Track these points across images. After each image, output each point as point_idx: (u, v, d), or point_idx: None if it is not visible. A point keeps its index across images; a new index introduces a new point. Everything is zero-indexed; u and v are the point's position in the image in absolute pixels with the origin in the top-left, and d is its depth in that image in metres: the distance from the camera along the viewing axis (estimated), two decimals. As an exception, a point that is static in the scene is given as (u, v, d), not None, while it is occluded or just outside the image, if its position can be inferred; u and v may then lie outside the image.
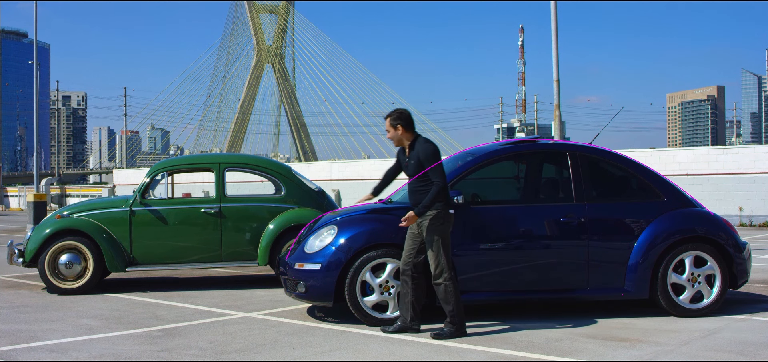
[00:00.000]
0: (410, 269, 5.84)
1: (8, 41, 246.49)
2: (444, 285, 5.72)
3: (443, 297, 5.75)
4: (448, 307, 5.74)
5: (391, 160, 7.31)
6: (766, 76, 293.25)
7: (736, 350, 5.29)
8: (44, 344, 5.70)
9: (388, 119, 6.00)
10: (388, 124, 6.00)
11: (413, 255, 5.84)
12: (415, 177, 5.81)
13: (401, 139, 5.97)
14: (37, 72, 31.80)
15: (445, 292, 5.72)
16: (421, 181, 5.78)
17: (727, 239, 6.59)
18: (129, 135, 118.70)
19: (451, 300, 5.72)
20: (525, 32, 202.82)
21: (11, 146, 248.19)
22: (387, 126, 6.01)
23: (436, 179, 5.69)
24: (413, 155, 5.86)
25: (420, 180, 5.79)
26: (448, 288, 5.72)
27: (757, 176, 19.63)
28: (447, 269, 5.73)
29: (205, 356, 5.24)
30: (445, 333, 5.70)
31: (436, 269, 5.73)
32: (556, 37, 17.73)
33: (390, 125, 5.98)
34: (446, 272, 5.72)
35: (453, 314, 5.73)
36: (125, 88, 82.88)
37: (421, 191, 5.78)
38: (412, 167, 5.84)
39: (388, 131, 6.02)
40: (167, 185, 8.83)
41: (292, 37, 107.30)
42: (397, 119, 5.96)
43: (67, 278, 8.36)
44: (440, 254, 5.71)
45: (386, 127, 6.02)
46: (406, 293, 5.86)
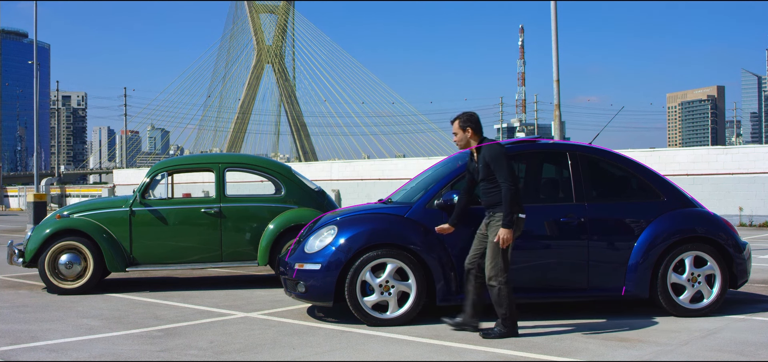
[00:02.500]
0: (475, 269, 5.85)
1: (8, 41, 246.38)
2: (498, 288, 5.67)
3: (496, 300, 5.70)
4: (500, 310, 5.70)
5: (391, 160, 7.33)
6: (766, 76, 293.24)
7: (736, 350, 5.29)
8: (44, 344, 5.70)
9: (456, 122, 5.96)
10: (456, 126, 5.95)
11: (479, 255, 5.84)
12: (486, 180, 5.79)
13: (469, 142, 5.93)
14: (37, 72, 31.79)
15: (499, 295, 5.68)
16: (490, 182, 5.76)
17: (727, 239, 6.59)
18: (129, 135, 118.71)
19: (504, 304, 5.68)
20: (525, 32, 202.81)
21: (11, 146, 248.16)
22: (455, 128, 5.96)
23: (504, 180, 5.65)
24: (480, 158, 5.84)
25: (490, 182, 5.76)
26: (501, 292, 5.67)
27: (757, 176, 19.63)
28: (503, 272, 5.67)
29: (205, 356, 5.24)
30: (494, 333, 5.68)
31: (491, 271, 5.69)
32: (556, 37, 17.73)
33: (459, 127, 5.94)
34: (502, 275, 5.67)
35: (505, 317, 5.69)
36: (125, 88, 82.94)
37: (491, 192, 5.76)
38: (482, 171, 5.81)
39: (455, 134, 5.96)
40: (167, 185, 8.83)
41: (292, 37, 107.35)
42: (467, 121, 5.93)
43: (67, 278, 8.36)
44: (498, 257, 5.67)
45: (454, 129, 5.97)
46: (470, 292, 5.87)
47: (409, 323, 6.13)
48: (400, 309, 6.17)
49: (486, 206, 5.84)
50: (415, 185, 7.01)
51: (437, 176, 6.71)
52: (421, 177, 7.16)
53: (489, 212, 5.81)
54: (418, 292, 6.16)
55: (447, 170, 6.67)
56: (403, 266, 6.14)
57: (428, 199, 6.37)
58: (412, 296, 6.16)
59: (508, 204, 5.60)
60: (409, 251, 6.17)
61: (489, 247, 5.73)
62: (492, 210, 5.76)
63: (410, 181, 7.38)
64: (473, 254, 5.89)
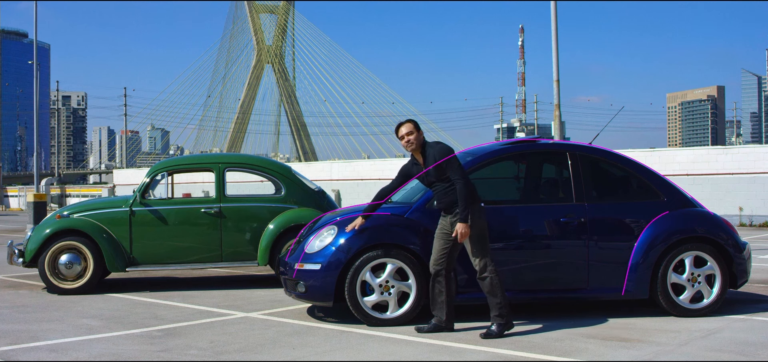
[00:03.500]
0: (442, 269, 5.84)
1: (8, 41, 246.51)
2: (489, 278, 5.71)
3: (490, 291, 5.72)
4: (495, 300, 5.72)
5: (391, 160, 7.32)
6: (766, 76, 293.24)
7: (736, 350, 5.29)
8: (44, 344, 5.70)
9: (410, 124, 5.95)
10: (412, 127, 5.92)
11: (445, 255, 5.83)
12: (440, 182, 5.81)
13: (421, 143, 5.93)
14: (37, 72, 31.79)
15: (491, 285, 5.71)
16: (444, 182, 5.78)
17: (727, 239, 6.59)
18: (129, 135, 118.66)
19: (497, 293, 5.71)
20: (525, 32, 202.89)
21: (11, 146, 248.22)
22: (410, 129, 5.91)
23: (459, 178, 5.68)
24: (430, 159, 5.83)
25: (445, 182, 5.78)
26: (493, 281, 5.70)
27: (757, 176, 19.63)
28: (491, 262, 5.71)
29: (205, 356, 5.24)
30: (493, 332, 5.68)
31: (479, 264, 5.72)
32: (556, 37, 17.73)
33: (415, 127, 5.93)
34: (490, 265, 5.71)
35: (501, 306, 5.71)
36: (125, 88, 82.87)
37: (449, 191, 5.77)
38: (434, 173, 5.81)
39: (411, 133, 5.90)
40: (167, 185, 8.83)
41: (292, 37, 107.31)
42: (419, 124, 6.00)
43: (67, 278, 8.36)
44: (482, 248, 5.71)
45: (408, 130, 5.91)
46: (440, 292, 5.86)
47: (409, 323, 6.12)
48: (400, 309, 6.17)
49: (445, 207, 5.83)
50: (415, 185, 7.00)
51: (437, 176, 6.70)
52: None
53: (448, 212, 5.80)
54: (418, 292, 6.15)
55: (447, 170, 6.66)
56: (403, 266, 6.14)
57: (428, 199, 6.37)
58: (412, 296, 6.16)
59: (464, 200, 5.62)
60: (409, 251, 6.17)
61: (470, 244, 5.74)
62: (453, 209, 5.76)
63: (410, 181, 7.37)
64: (439, 254, 5.86)
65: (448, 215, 5.83)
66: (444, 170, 5.76)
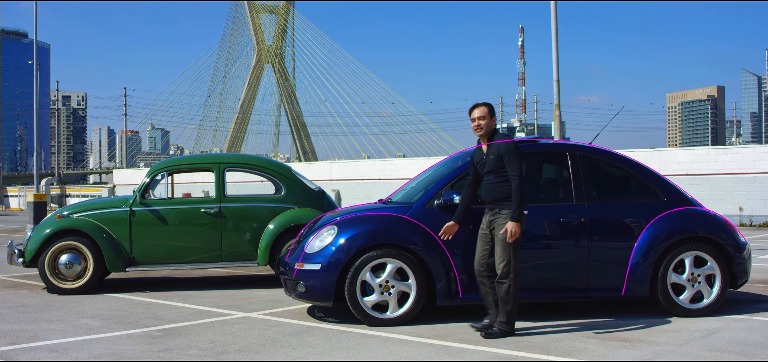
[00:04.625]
0: (485, 270, 5.83)
1: (8, 41, 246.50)
2: (508, 285, 5.67)
3: (504, 297, 5.69)
4: (506, 307, 5.69)
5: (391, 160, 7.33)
6: (766, 76, 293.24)
7: (736, 350, 5.29)
8: (44, 344, 5.70)
9: (484, 108, 5.87)
10: (485, 111, 5.85)
11: (486, 256, 5.81)
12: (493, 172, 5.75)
13: (492, 130, 5.86)
14: (37, 72, 31.79)
15: (507, 293, 5.67)
16: (498, 176, 5.72)
17: (727, 238, 6.59)
18: (129, 135, 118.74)
19: (510, 301, 5.68)
20: (525, 32, 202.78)
21: (11, 146, 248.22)
22: (482, 114, 5.84)
23: (515, 175, 5.63)
24: (492, 149, 5.79)
25: (497, 175, 5.73)
26: (510, 289, 5.67)
27: (757, 176, 19.63)
28: (513, 270, 5.68)
29: (205, 356, 5.24)
30: (495, 333, 5.67)
31: (503, 268, 5.68)
32: (556, 37, 17.73)
33: (488, 113, 5.86)
34: (513, 272, 5.67)
35: (509, 314, 5.70)
36: (125, 88, 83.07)
37: (497, 186, 5.72)
38: (492, 163, 5.76)
39: (483, 118, 5.83)
40: (167, 185, 8.83)
41: (292, 37, 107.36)
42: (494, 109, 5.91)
43: (67, 278, 8.36)
44: (509, 253, 5.66)
45: (480, 114, 5.84)
46: (488, 293, 5.84)
47: (409, 323, 6.13)
48: (400, 309, 6.17)
49: (489, 202, 5.81)
50: (415, 185, 7.01)
51: (437, 176, 6.71)
52: (421, 177, 7.16)
53: (492, 208, 5.78)
54: (418, 292, 6.16)
55: (447, 170, 6.67)
56: (403, 266, 6.14)
57: (428, 199, 6.37)
58: (412, 296, 6.16)
59: (517, 198, 5.59)
60: (409, 251, 6.17)
61: (498, 244, 5.71)
62: (497, 206, 5.73)
63: (410, 181, 7.38)
64: (481, 255, 5.85)
65: (489, 213, 5.79)
66: (502, 162, 5.70)
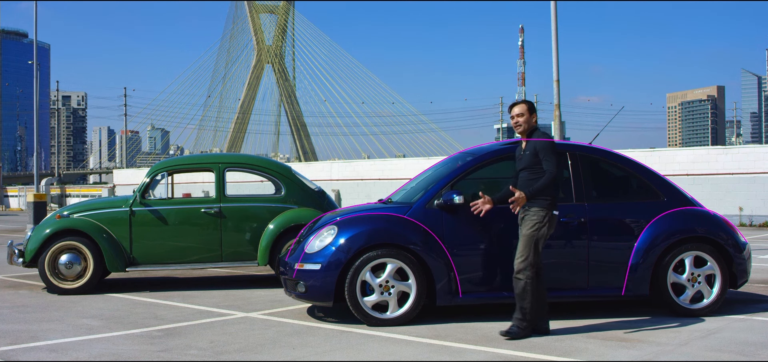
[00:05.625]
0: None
1: (8, 41, 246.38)
2: (524, 282, 5.65)
3: (520, 293, 5.67)
4: (521, 303, 5.67)
5: (391, 160, 7.34)
6: (766, 76, 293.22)
7: (736, 350, 5.29)
8: (44, 344, 5.70)
9: (523, 105, 5.89)
10: (524, 109, 5.87)
11: None
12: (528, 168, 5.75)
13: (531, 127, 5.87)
14: (37, 72, 31.79)
15: (523, 290, 5.65)
16: (533, 173, 5.72)
17: (727, 238, 6.59)
18: (129, 135, 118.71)
19: (526, 298, 5.65)
20: (525, 32, 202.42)
21: (11, 146, 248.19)
22: (521, 111, 5.87)
23: (550, 166, 5.63)
24: (529, 145, 5.80)
25: (532, 172, 5.72)
26: (526, 286, 5.64)
27: (757, 176, 19.62)
28: (531, 267, 5.65)
29: (205, 356, 5.24)
30: (514, 332, 5.63)
31: (520, 264, 5.66)
32: (556, 37, 17.74)
33: (527, 110, 5.87)
34: (529, 270, 5.64)
35: (525, 311, 5.66)
36: (125, 88, 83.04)
37: (530, 183, 5.71)
38: (528, 159, 5.77)
39: (521, 115, 5.86)
40: (167, 185, 8.83)
41: (292, 37, 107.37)
42: (533, 107, 5.91)
43: (67, 278, 8.36)
44: (530, 252, 5.65)
45: (519, 111, 5.87)
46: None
47: (409, 323, 6.13)
48: (400, 309, 6.17)
49: None
50: (415, 185, 7.01)
51: (437, 176, 6.71)
52: (421, 177, 7.16)
53: (523, 205, 5.73)
54: (418, 292, 6.16)
55: (447, 170, 6.67)
56: (403, 266, 6.14)
57: (428, 199, 6.37)
58: (412, 296, 6.16)
59: (544, 183, 5.60)
60: (409, 251, 6.17)
61: (520, 239, 5.70)
62: (527, 203, 5.70)
63: (410, 181, 7.38)
64: None
65: (521, 211, 5.77)
66: (538, 159, 5.71)
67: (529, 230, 5.66)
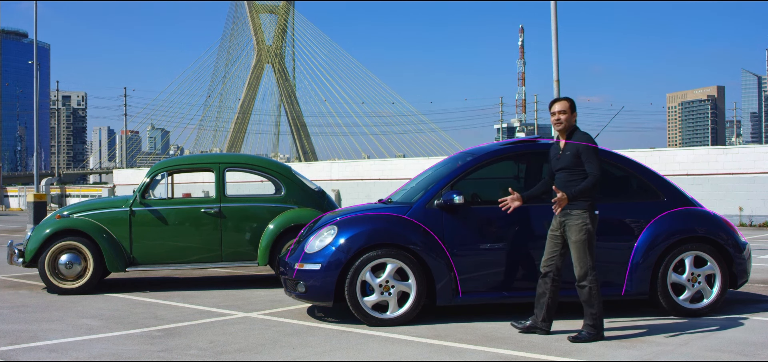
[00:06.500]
0: (551, 270, 5.71)
1: (8, 41, 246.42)
2: (589, 288, 5.52)
3: (587, 300, 5.55)
4: (590, 310, 5.55)
5: (391, 160, 7.35)
6: (766, 76, 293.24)
7: (736, 350, 5.29)
8: (44, 344, 5.70)
9: (565, 102, 5.72)
10: (565, 106, 5.71)
11: (556, 257, 5.70)
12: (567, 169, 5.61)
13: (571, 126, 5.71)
14: (37, 72, 31.78)
15: (590, 295, 5.54)
16: (573, 174, 5.59)
17: (727, 238, 6.59)
18: (129, 135, 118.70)
19: (594, 303, 5.54)
20: (525, 32, 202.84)
21: (11, 146, 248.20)
22: (563, 108, 5.69)
23: (594, 169, 5.50)
24: (570, 145, 5.65)
25: (572, 173, 5.60)
26: (592, 291, 5.53)
27: (757, 176, 19.62)
28: (592, 271, 5.54)
29: (205, 356, 5.24)
30: (583, 337, 5.52)
31: (581, 271, 5.55)
32: (556, 37, 17.73)
33: (569, 107, 5.70)
34: (591, 274, 5.54)
35: (595, 317, 5.55)
36: (125, 88, 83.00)
37: (570, 184, 5.58)
38: (569, 159, 5.62)
39: (563, 113, 5.68)
40: (167, 185, 8.83)
41: (292, 37, 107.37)
42: (574, 105, 5.76)
43: (67, 278, 8.36)
44: (586, 256, 5.52)
45: (561, 109, 5.69)
46: (544, 293, 5.72)
47: (409, 323, 6.13)
48: (400, 309, 6.17)
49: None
50: (415, 185, 7.01)
51: (437, 176, 6.71)
52: (421, 177, 7.16)
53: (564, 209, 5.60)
54: (418, 292, 6.16)
55: (447, 170, 6.67)
56: (403, 266, 6.14)
57: (428, 199, 6.37)
58: (412, 296, 6.16)
59: (587, 185, 5.47)
60: (409, 251, 6.17)
61: (574, 248, 5.56)
62: (568, 206, 5.57)
63: (410, 181, 7.38)
64: (549, 256, 5.73)
65: (560, 214, 5.63)
66: (579, 161, 5.57)
67: (579, 236, 5.52)
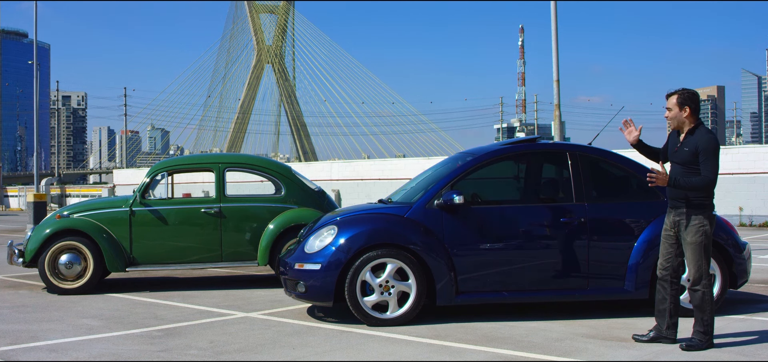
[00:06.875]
0: (669, 274, 5.51)
1: (8, 41, 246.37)
2: (702, 292, 5.33)
3: (699, 305, 5.34)
4: (702, 315, 5.35)
5: (391, 160, 7.35)
6: (766, 76, 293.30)
7: (736, 350, 5.29)
8: (44, 344, 5.71)
9: (674, 97, 5.52)
10: (673, 102, 5.47)
11: (671, 258, 5.50)
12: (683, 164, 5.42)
13: (683, 122, 5.51)
14: (37, 72, 31.80)
15: (702, 299, 5.33)
16: (689, 170, 5.40)
17: (726, 239, 6.59)
18: (129, 135, 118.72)
19: (706, 309, 5.33)
20: (525, 32, 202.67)
21: (11, 146, 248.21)
22: (671, 104, 5.48)
23: (708, 172, 5.30)
24: (690, 141, 5.42)
25: (688, 169, 5.41)
26: (705, 296, 5.37)
27: (757, 176, 19.63)
28: (706, 275, 5.38)
29: (205, 356, 5.24)
30: (694, 344, 5.36)
31: (695, 274, 5.34)
32: (556, 37, 17.74)
33: (676, 103, 5.46)
34: (705, 278, 5.38)
35: (707, 323, 5.34)
36: (125, 88, 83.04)
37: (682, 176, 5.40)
38: (685, 155, 5.44)
39: (670, 109, 5.53)
40: (167, 185, 8.83)
41: (292, 37, 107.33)
42: (687, 100, 5.45)
43: (67, 278, 8.36)
44: (702, 259, 5.33)
45: (669, 104, 5.49)
46: (664, 299, 5.51)
47: (409, 323, 6.13)
48: (400, 309, 6.17)
49: (672, 198, 5.50)
50: (415, 185, 7.01)
51: (437, 176, 6.72)
52: (421, 177, 7.16)
53: (676, 205, 5.45)
54: (418, 292, 6.16)
55: (447, 170, 6.67)
56: (403, 266, 6.15)
57: (428, 199, 6.37)
58: (412, 296, 6.16)
59: (697, 182, 5.28)
60: (410, 251, 6.17)
61: (688, 249, 5.37)
62: (683, 205, 5.41)
63: (410, 181, 7.38)
64: (665, 258, 5.53)
65: (673, 212, 5.47)
66: (697, 159, 5.37)
67: (695, 237, 5.34)
